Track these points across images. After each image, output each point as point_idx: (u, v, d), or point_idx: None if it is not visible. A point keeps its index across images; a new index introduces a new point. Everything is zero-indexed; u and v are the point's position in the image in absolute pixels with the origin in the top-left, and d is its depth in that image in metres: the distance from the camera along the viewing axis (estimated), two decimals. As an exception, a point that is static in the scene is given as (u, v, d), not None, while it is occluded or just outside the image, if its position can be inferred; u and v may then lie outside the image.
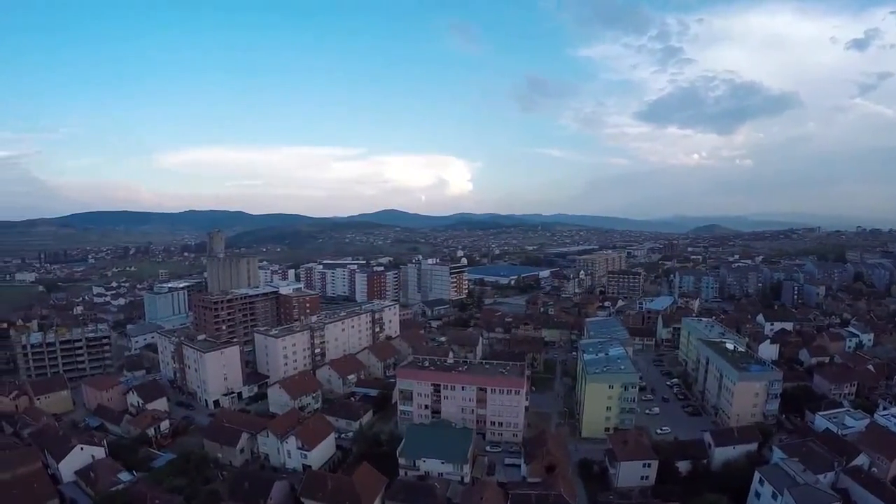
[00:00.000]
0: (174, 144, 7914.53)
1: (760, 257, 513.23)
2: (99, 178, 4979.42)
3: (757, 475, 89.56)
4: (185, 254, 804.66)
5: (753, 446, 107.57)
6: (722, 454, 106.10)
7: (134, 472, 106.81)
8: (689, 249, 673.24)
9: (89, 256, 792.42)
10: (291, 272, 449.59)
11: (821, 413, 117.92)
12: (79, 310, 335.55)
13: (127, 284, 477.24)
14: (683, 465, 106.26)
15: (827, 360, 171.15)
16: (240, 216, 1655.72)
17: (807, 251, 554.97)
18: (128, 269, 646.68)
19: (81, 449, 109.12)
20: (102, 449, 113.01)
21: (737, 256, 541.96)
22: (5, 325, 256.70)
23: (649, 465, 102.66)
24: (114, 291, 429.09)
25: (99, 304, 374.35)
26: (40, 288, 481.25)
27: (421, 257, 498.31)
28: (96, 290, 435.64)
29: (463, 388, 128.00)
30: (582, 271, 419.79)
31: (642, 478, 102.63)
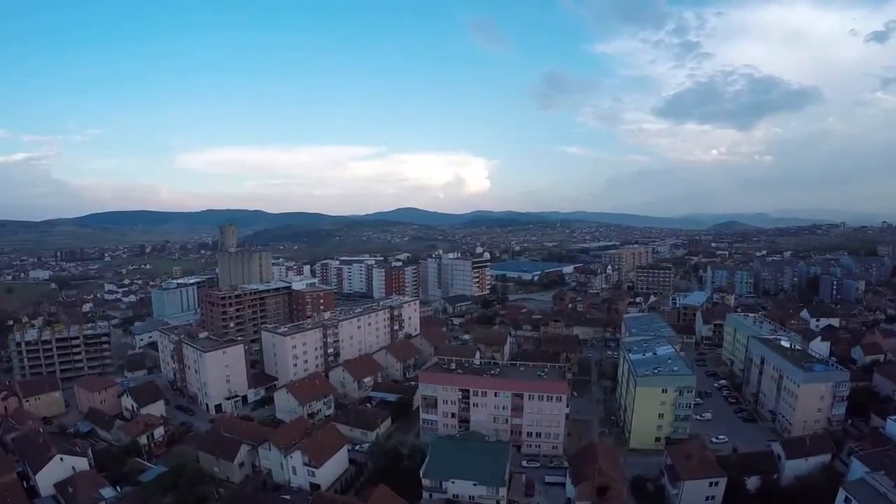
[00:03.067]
0: (194, 145, 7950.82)
1: (789, 253, 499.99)
2: (119, 178, 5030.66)
3: (842, 493, 77.83)
4: (202, 251, 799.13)
5: (827, 457, 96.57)
6: (793, 467, 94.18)
7: (118, 487, 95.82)
8: (713, 245, 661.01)
9: (105, 255, 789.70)
10: (307, 268, 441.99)
11: (893, 417, 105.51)
12: (88, 307, 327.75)
13: (140, 282, 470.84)
14: (752, 482, 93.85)
15: (881, 358, 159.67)
16: (259, 215, 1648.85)
17: (834, 247, 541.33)
18: (143, 266, 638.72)
19: (61, 459, 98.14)
20: (86, 459, 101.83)
21: (764, 252, 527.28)
22: (11, 322, 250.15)
23: (716, 484, 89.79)
24: (125, 288, 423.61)
25: (109, 302, 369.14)
26: (53, 285, 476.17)
27: (441, 252, 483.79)
28: (108, 287, 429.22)
29: (496, 394, 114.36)
30: (609, 266, 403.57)
31: (708, 498, 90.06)
